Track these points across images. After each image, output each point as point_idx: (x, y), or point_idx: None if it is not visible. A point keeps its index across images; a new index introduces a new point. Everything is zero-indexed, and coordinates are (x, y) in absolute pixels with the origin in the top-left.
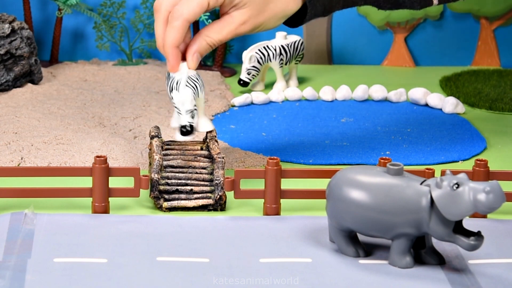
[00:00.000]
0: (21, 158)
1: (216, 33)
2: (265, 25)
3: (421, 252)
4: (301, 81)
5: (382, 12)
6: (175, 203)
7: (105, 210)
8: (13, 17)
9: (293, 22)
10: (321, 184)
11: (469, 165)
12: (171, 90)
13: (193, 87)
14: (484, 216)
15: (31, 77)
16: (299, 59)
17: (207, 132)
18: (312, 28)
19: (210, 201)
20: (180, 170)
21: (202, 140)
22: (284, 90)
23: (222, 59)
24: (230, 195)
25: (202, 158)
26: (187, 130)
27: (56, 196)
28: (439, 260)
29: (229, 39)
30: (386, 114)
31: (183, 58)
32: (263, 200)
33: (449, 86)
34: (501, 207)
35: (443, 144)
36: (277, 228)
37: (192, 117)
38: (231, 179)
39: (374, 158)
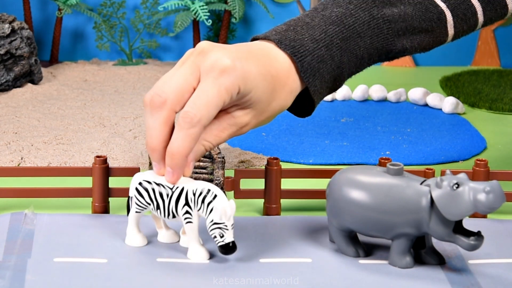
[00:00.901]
0: (21, 158)
1: (214, 137)
2: (263, 123)
3: (421, 252)
4: None
5: None
6: None
7: (105, 210)
8: (13, 17)
9: (300, 111)
10: (321, 184)
11: (469, 165)
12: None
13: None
14: (484, 216)
15: (31, 77)
16: None
17: None
18: None
19: None
20: None
21: None
22: None
23: None
24: (230, 195)
25: (202, 158)
26: (234, 246)
27: (56, 196)
28: (439, 260)
29: (222, 143)
30: (386, 114)
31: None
32: (263, 200)
33: (449, 86)
34: (501, 207)
35: (443, 144)
36: (277, 228)
37: None
38: (231, 179)
39: (374, 158)
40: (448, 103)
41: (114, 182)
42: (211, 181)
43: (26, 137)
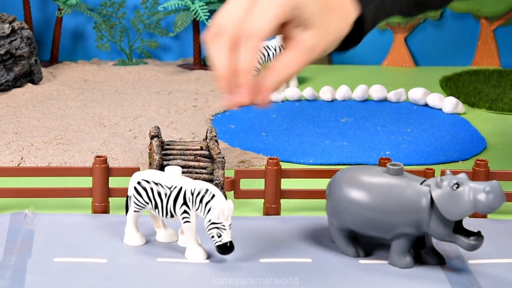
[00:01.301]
0: (21, 158)
1: (290, 65)
2: (329, 47)
3: (421, 252)
4: (301, 81)
5: None
6: None
7: (105, 210)
8: (13, 17)
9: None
10: (321, 184)
11: (469, 165)
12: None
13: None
14: (484, 216)
15: (31, 77)
16: None
17: (207, 132)
18: None
19: None
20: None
21: (202, 140)
22: (284, 90)
23: None
24: (230, 195)
25: (202, 158)
26: (231, 246)
27: (56, 196)
28: (439, 260)
29: (302, 69)
30: (386, 114)
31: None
32: (263, 200)
33: (449, 86)
34: (501, 207)
35: (443, 144)
36: (277, 228)
37: None
38: (231, 179)
39: (374, 158)
40: (448, 103)
41: (114, 182)
42: (211, 181)
43: (26, 137)
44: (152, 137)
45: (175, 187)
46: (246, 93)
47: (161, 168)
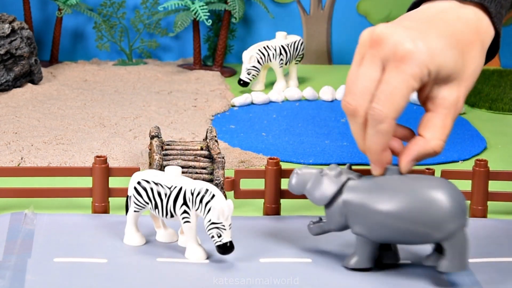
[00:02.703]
0: (21, 158)
1: (441, 130)
2: (470, 90)
3: (384, 253)
4: (301, 81)
5: (382, 11)
6: None
7: (105, 210)
8: (13, 17)
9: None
10: None
11: (469, 165)
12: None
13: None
14: (484, 216)
15: (31, 77)
16: (299, 59)
17: (207, 132)
18: (312, 28)
19: None
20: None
21: (202, 140)
22: (284, 90)
23: (222, 59)
24: (230, 195)
25: (202, 158)
26: (231, 245)
27: (56, 196)
28: (396, 259)
29: (452, 128)
30: None
31: None
32: (263, 200)
33: None
34: (501, 207)
35: None
36: (277, 228)
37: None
38: (231, 179)
39: None
40: None
41: (114, 182)
42: (211, 181)
43: (26, 137)
44: (152, 137)
45: (175, 187)
46: (378, 169)
47: (161, 168)
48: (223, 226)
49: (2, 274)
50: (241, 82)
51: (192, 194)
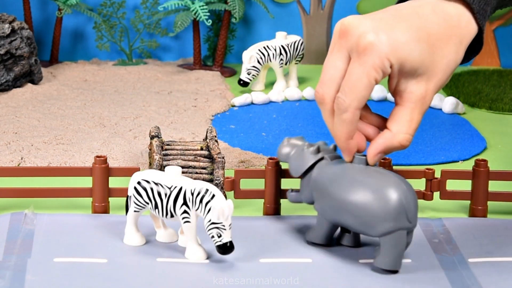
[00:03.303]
0: (21, 158)
1: (408, 123)
2: (442, 84)
3: (345, 235)
4: (301, 81)
5: None
6: None
7: (105, 210)
8: (13, 17)
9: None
10: None
11: (469, 165)
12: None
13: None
14: (484, 216)
15: (31, 77)
16: (299, 59)
17: (207, 132)
18: (312, 28)
19: None
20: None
21: (202, 140)
22: (284, 90)
23: (222, 59)
24: (230, 195)
25: (202, 158)
26: (231, 246)
27: (56, 196)
28: (354, 243)
29: (420, 123)
30: (386, 114)
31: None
32: (263, 200)
33: (449, 86)
34: (501, 207)
35: (443, 144)
36: (277, 228)
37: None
38: (231, 179)
39: None
40: (448, 103)
41: (114, 182)
42: (211, 181)
43: (26, 137)
44: (152, 137)
45: (175, 187)
46: (346, 156)
47: (161, 168)
48: (223, 226)
49: (2, 274)
50: (241, 82)
51: (192, 194)
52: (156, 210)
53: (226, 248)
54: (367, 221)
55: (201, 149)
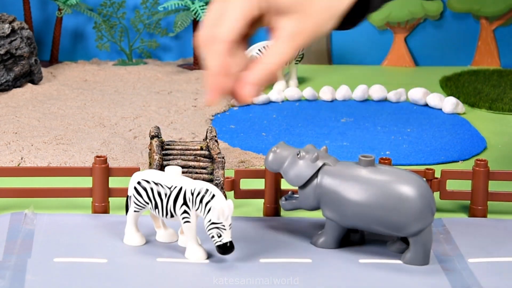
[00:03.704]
0: (21, 158)
1: (273, 56)
2: (320, 28)
3: (351, 234)
4: (301, 81)
5: (382, 11)
6: None
7: (105, 210)
8: (13, 17)
9: (351, 20)
10: None
11: (469, 165)
12: (194, 204)
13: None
14: (484, 216)
15: (31, 77)
16: (299, 59)
17: (207, 132)
18: None
19: None
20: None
21: (202, 140)
22: (284, 90)
23: None
24: (230, 195)
25: (202, 158)
26: (231, 246)
27: (56, 196)
28: (362, 241)
29: (290, 58)
30: (386, 114)
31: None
32: (263, 200)
33: (449, 86)
34: (501, 207)
35: (443, 144)
36: (277, 228)
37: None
38: (231, 179)
39: None
40: (448, 103)
41: (114, 182)
42: (211, 181)
43: (26, 137)
44: (152, 137)
45: (175, 187)
46: (210, 94)
47: (161, 168)
48: (223, 226)
49: (2, 274)
50: None
51: (192, 194)
52: (156, 210)
53: (226, 248)
54: (396, 223)
55: (201, 149)
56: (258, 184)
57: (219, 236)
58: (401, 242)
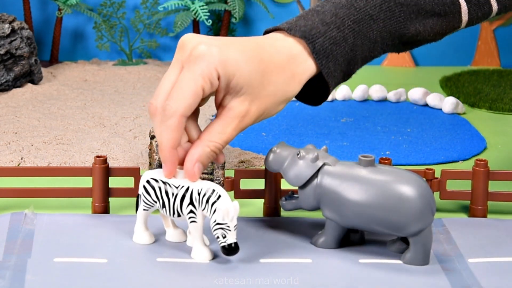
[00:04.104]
0: (21, 158)
1: (219, 135)
2: (268, 111)
3: (351, 234)
4: None
5: None
6: None
7: (105, 210)
8: (13, 17)
9: (315, 98)
10: None
11: (469, 165)
12: (184, 203)
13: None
14: (484, 216)
15: (31, 77)
16: None
17: None
18: None
19: None
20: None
21: None
22: None
23: None
24: (230, 195)
25: None
26: (236, 246)
27: (56, 196)
28: (361, 241)
29: (233, 138)
30: (386, 114)
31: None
32: (263, 200)
33: (449, 86)
34: (501, 207)
35: (443, 144)
36: (277, 228)
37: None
38: (231, 179)
39: None
40: (448, 103)
41: (114, 182)
42: (211, 181)
43: (26, 137)
44: (152, 137)
45: (182, 186)
46: (168, 168)
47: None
48: (228, 227)
49: (2, 274)
50: None
51: (199, 194)
52: (164, 209)
53: (230, 249)
54: (396, 223)
55: None
56: (258, 184)
57: (224, 237)
58: (401, 242)
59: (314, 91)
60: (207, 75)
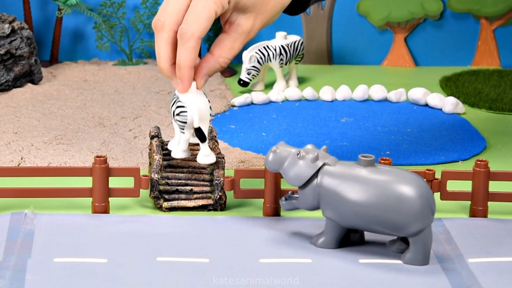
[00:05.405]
0: (21, 158)
1: (229, 50)
2: (268, 23)
3: (351, 234)
4: (301, 81)
5: (382, 11)
6: (175, 203)
7: (105, 210)
8: (13, 17)
9: (294, 9)
10: None
11: (469, 165)
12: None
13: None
14: (485, 216)
15: (31, 77)
16: (299, 59)
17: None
18: (312, 28)
19: (210, 201)
20: (180, 170)
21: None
22: (284, 90)
23: None
24: (230, 195)
25: None
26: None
27: (56, 196)
28: (361, 241)
29: (235, 54)
30: (386, 114)
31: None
32: (263, 200)
33: (449, 86)
34: (501, 207)
35: (443, 144)
36: (277, 228)
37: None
38: (231, 179)
39: None
40: (448, 103)
41: (114, 182)
42: (211, 181)
43: (26, 137)
44: (152, 137)
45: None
46: (185, 84)
47: (161, 168)
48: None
49: (2, 274)
50: (241, 82)
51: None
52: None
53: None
54: (396, 223)
55: None
56: (258, 184)
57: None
58: (401, 242)
59: (295, 3)
60: (220, 0)
